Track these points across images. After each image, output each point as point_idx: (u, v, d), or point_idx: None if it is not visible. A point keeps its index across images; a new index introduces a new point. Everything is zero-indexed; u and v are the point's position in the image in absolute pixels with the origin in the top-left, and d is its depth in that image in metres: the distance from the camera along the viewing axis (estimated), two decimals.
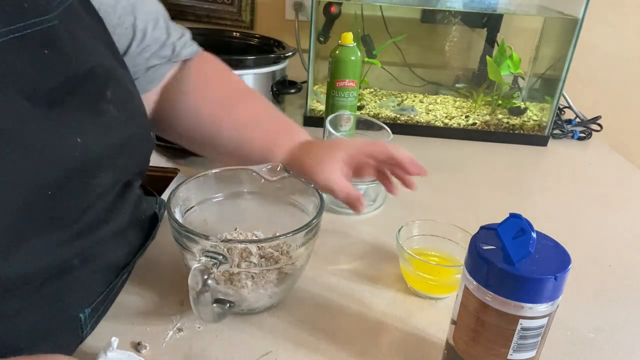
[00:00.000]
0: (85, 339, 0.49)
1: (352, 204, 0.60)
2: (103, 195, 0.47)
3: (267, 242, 0.53)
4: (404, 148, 0.63)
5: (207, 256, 0.46)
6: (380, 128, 0.80)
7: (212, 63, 0.69)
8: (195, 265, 0.45)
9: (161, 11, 0.62)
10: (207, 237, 0.47)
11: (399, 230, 0.60)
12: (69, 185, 0.41)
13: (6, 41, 0.38)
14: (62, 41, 0.42)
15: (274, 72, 0.89)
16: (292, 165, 0.61)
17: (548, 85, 1.16)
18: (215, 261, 0.46)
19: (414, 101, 1.22)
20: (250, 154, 0.63)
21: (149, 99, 0.63)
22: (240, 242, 0.54)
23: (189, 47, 0.65)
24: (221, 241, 0.48)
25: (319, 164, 0.60)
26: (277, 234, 0.51)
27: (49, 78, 0.41)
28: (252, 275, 0.51)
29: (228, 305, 0.51)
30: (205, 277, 0.44)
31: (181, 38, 0.63)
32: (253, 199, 0.61)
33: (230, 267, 0.49)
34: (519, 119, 1.14)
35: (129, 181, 0.53)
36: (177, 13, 1.41)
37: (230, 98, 0.66)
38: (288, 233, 0.49)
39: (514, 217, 0.41)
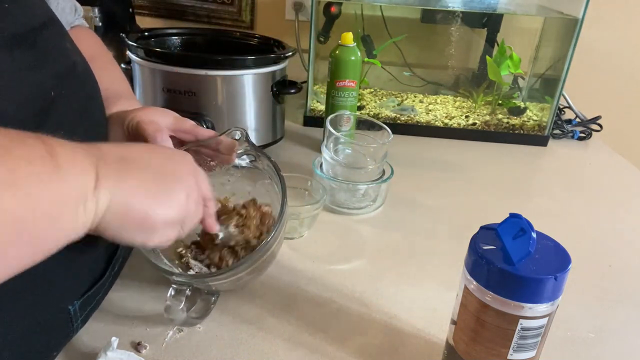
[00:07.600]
0: (75, 334, 0.48)
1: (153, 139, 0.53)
2: None
3: (224, 274, 0.50)
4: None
5: (177, 284, 0.48)
6: (380, 128, 0.80)
7: (88, 32, 0.71)
8: (167, 303, 0.48)
9: None
10: (172, 273, 0.49)
11: None
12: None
13: None
14: None
15: (274, 72, 0.89)
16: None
17: (548, 85, 1.16)
18: (187, 287, 0.48)
19: (414, 101, 1.22)
20: None
21: None
22: (208, 275, 0.52)
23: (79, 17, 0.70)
24: (187, 279, 0.49)
25: (144, 109, 0.57)
26: (235, 263, 0.54)
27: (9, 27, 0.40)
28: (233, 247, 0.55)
29: (213, 299, 0.53)
30: (180, 307, 0.47)
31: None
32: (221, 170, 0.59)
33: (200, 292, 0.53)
34: (519, 119, 1.14)
35: None
36: (177, 13, 1.41)
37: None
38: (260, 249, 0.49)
39: (514, 217, 0.41)
